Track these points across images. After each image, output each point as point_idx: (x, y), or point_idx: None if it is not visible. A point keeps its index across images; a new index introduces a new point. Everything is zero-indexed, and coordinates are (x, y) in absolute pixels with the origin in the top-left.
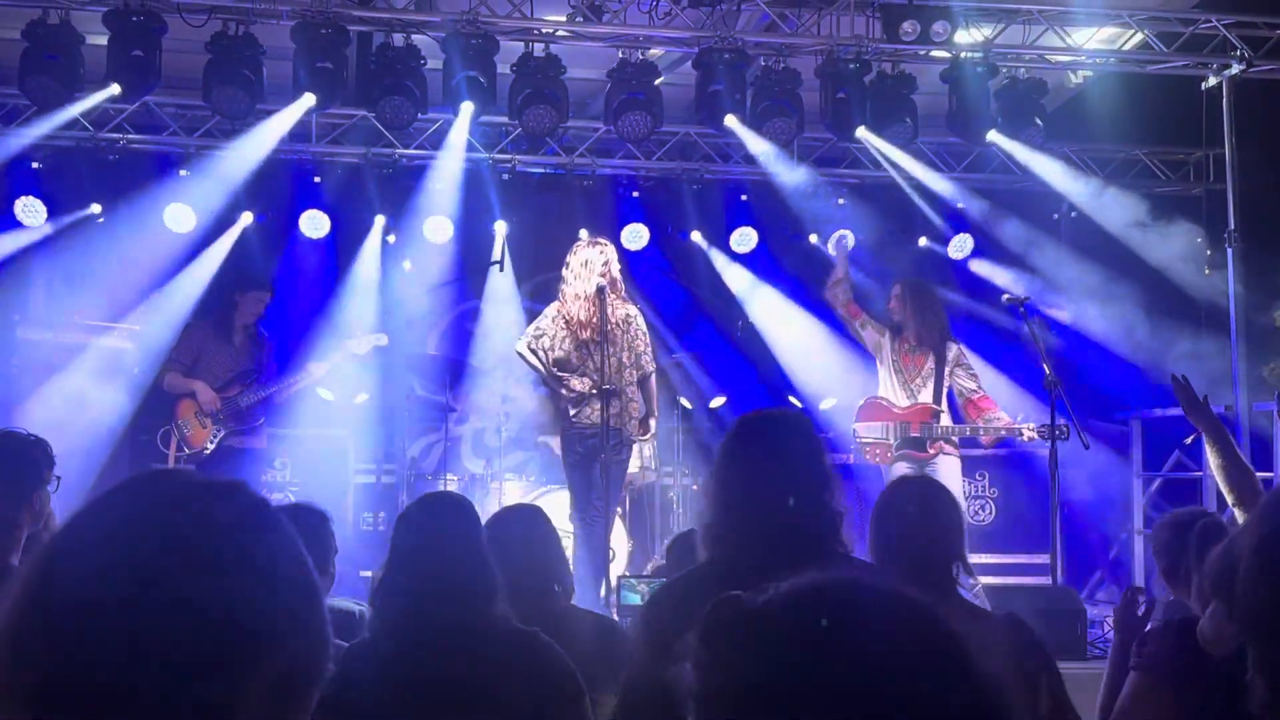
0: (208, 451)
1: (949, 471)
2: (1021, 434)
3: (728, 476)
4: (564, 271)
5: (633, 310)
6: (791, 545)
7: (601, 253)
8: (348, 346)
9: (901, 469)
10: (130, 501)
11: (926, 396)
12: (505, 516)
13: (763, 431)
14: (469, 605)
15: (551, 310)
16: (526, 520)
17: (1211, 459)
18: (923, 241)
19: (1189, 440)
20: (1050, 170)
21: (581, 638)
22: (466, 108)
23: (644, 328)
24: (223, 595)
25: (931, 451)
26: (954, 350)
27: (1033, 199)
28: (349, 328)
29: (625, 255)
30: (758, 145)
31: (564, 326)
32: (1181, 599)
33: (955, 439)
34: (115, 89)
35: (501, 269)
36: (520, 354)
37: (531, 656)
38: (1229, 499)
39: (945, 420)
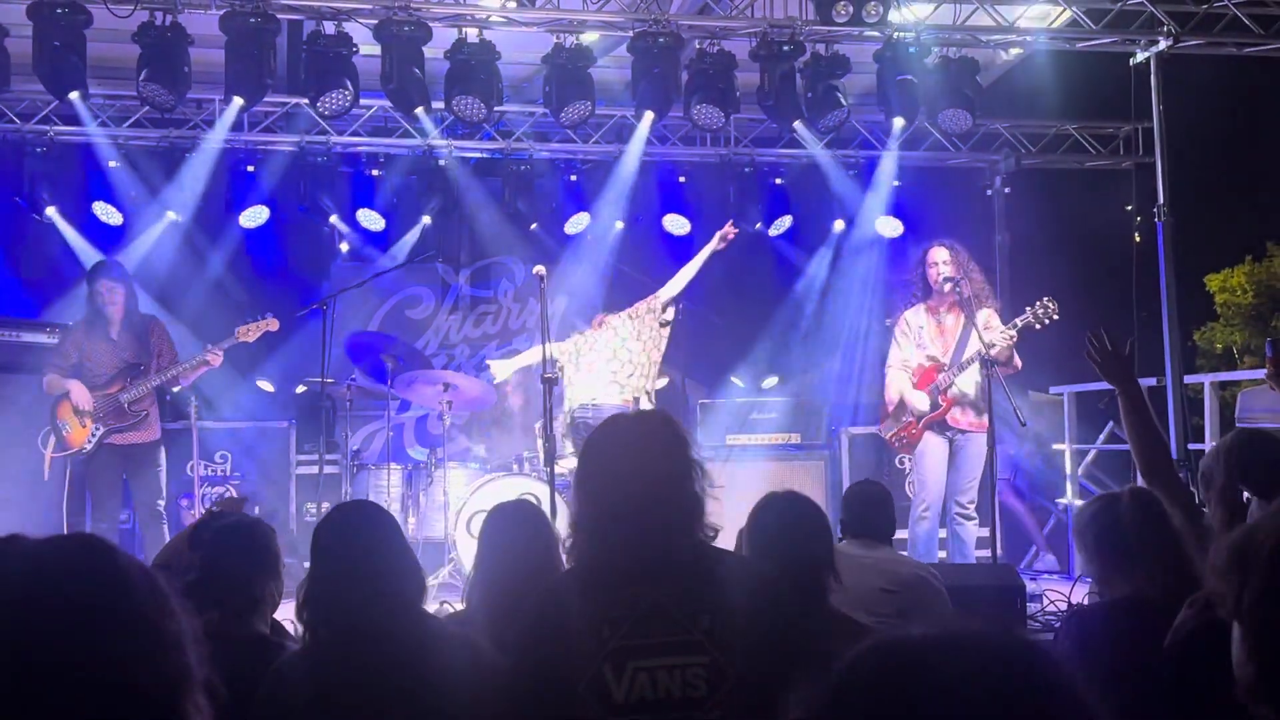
0: (85, 451)
1: (977, 450)
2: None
3: (585, 481)
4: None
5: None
6: (649, 546)
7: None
8: (238, 334)
9: (931, 438)
10: None
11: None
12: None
13: (619, 431)
14: (398, 610)
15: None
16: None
17: (1125, 422)
18: (838, 225)
19: (1103, 404)
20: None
21: None
22: (421, 111)
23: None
24: (90, 648)
25: (945, 405)
26: (984, 314)
27: (965, 174)
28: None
29: (565, 239)
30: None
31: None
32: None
33: (955, 382)
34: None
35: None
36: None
37: (465, 655)
38: (1139, 466)
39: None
